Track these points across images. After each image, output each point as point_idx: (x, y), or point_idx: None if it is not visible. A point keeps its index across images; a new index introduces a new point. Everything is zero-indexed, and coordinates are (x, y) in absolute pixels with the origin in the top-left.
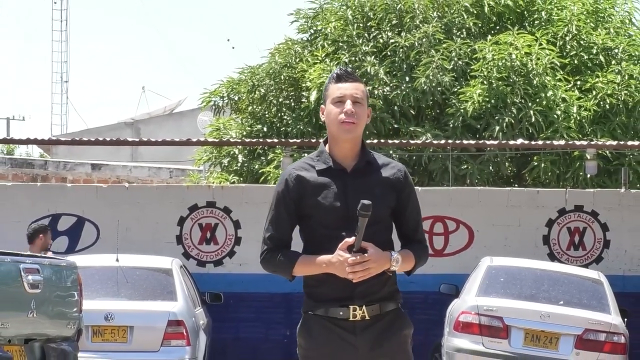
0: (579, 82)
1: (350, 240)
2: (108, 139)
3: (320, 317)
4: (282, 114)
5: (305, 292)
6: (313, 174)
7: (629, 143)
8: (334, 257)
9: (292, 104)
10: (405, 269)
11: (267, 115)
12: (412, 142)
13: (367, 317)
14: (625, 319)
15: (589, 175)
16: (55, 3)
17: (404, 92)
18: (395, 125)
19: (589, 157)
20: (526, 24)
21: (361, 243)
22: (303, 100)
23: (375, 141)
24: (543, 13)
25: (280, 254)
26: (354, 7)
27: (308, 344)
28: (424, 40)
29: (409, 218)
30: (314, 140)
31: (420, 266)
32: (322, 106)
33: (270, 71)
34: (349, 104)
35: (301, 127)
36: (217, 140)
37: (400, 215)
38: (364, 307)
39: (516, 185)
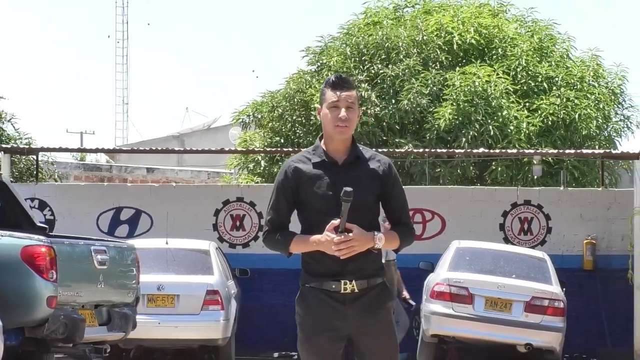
0: (527, 104)
1: (335, 222)
2: (160, 149)
3: (315, 289)
4: (295, 128)
5: (303, 267)
6: (309, 166)
7: (567, 151)
8: (323, 237)
9: (303, 121)
10: (391, 247)
11: (283, 130)
12: (397, 150)
13: (356, 290)
14: (564, 289)
15: (535, 177)
16: (118, 42)
17: (391, 112)
18: (384, 138)
19: (535, 163)
20: (486, 58)
21: (345, 224)
22: (311, 118)
23: None
24: (499, 49)
25: (278, 234)
26: (351, 45)
27: (304, 312)
28: (406, 71)
29: (394, 204)
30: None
31: (406, 244)
32: (319, 107)
33: (286, 95)
34: (343, 111)
35: (310, 139)
36: (244, 149)
37: (386, 202)
38: (353, 282)
39: (478, 184)
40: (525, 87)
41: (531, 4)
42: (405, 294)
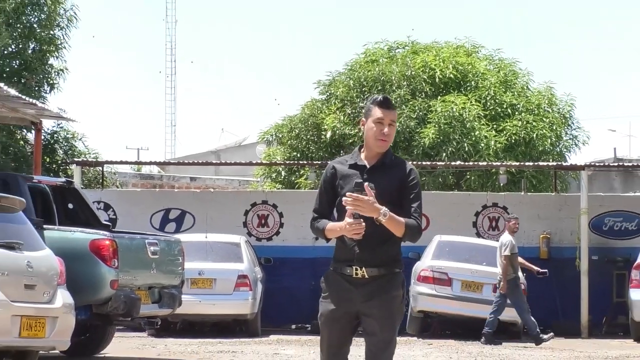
0: (495, 126)
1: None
2: (200, 161)
3: (335, 272)
4: (309, 145)
5: (333, 253)
6: (345, 167)
7: (526, 164)
8: (343, 223)
9: (315, 139)
10: (394, 229)
11: (299, 147)
12: None
13: (367, 277)
14: (524, 274)
15: (501, 184)
16: (167, 76)
17: None
18: None
19: (501, 173)
20: (462, 89)
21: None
22: (322, 137)
23: None
24: (473, 82)
25: (318, 222)
26: (354, 79)
27: (326, 289)
28: (397, 99)
29: (407, 201)
30: (329, 162)
31: (411, 234)
32: (363, 119)
33: (302, 119)
34: (387, 128)
35: (321, 154)
36: (268, 162)
37: (402, 199)
38: (364, 269)
39: (456, 190)
40: (493, 112)
41: (498, 45)
42: (537, 269)
